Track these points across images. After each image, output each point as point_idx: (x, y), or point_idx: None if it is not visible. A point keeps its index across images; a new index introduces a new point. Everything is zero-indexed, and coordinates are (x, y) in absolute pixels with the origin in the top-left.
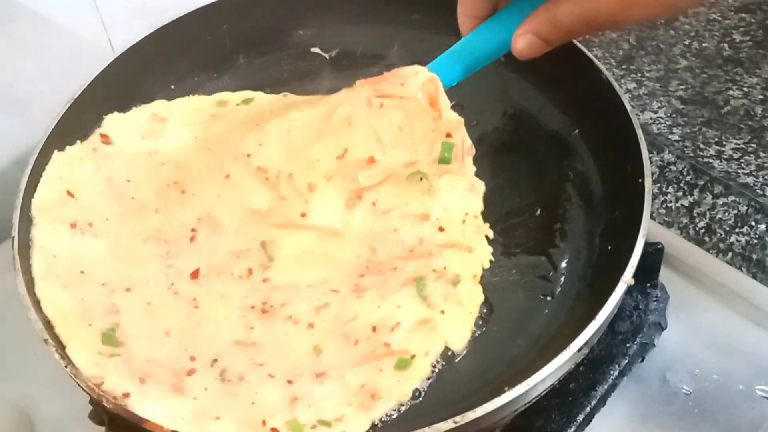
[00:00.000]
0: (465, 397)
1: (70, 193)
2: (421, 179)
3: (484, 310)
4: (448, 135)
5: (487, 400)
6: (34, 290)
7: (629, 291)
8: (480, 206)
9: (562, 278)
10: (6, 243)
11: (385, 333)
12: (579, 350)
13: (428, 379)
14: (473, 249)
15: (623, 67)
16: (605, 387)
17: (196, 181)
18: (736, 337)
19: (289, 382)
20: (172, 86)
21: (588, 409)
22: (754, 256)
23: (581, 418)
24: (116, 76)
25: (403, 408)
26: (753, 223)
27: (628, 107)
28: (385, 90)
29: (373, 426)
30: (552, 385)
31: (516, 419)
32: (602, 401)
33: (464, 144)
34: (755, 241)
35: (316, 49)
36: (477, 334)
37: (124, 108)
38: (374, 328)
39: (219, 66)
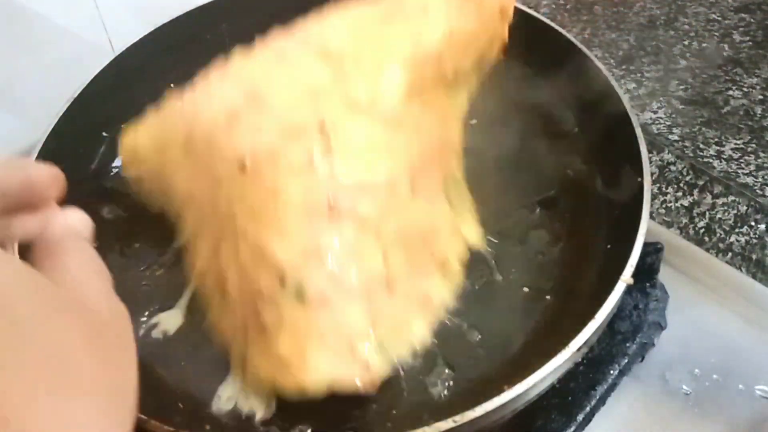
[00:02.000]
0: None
1: None
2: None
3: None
4: None
5: (486, 399)
6: None
7: (629, 290)
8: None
9: (561, 277)
10: None
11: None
12: (578, 349)
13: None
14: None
15: (623, 67)
16: (605, 386)
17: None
18: (736, 337)
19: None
20: (172, 85)
21: (588, 408)
22: (754, 256)
23: (581, 418)
24: (116, 76)
25: None
26: (753, 223)
27: (628, 107)
28: None
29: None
30: (551, 385)
31: (516, 419)
32: (602, 401)
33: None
34: (755, 241)
35: None
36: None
37: (124, 107)
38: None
39: None
